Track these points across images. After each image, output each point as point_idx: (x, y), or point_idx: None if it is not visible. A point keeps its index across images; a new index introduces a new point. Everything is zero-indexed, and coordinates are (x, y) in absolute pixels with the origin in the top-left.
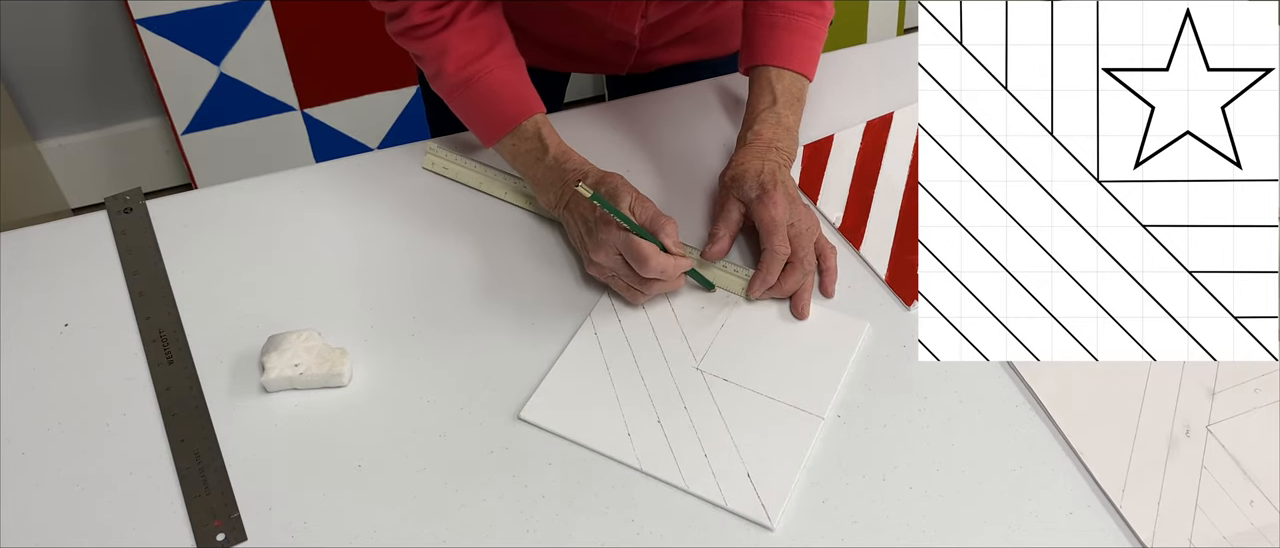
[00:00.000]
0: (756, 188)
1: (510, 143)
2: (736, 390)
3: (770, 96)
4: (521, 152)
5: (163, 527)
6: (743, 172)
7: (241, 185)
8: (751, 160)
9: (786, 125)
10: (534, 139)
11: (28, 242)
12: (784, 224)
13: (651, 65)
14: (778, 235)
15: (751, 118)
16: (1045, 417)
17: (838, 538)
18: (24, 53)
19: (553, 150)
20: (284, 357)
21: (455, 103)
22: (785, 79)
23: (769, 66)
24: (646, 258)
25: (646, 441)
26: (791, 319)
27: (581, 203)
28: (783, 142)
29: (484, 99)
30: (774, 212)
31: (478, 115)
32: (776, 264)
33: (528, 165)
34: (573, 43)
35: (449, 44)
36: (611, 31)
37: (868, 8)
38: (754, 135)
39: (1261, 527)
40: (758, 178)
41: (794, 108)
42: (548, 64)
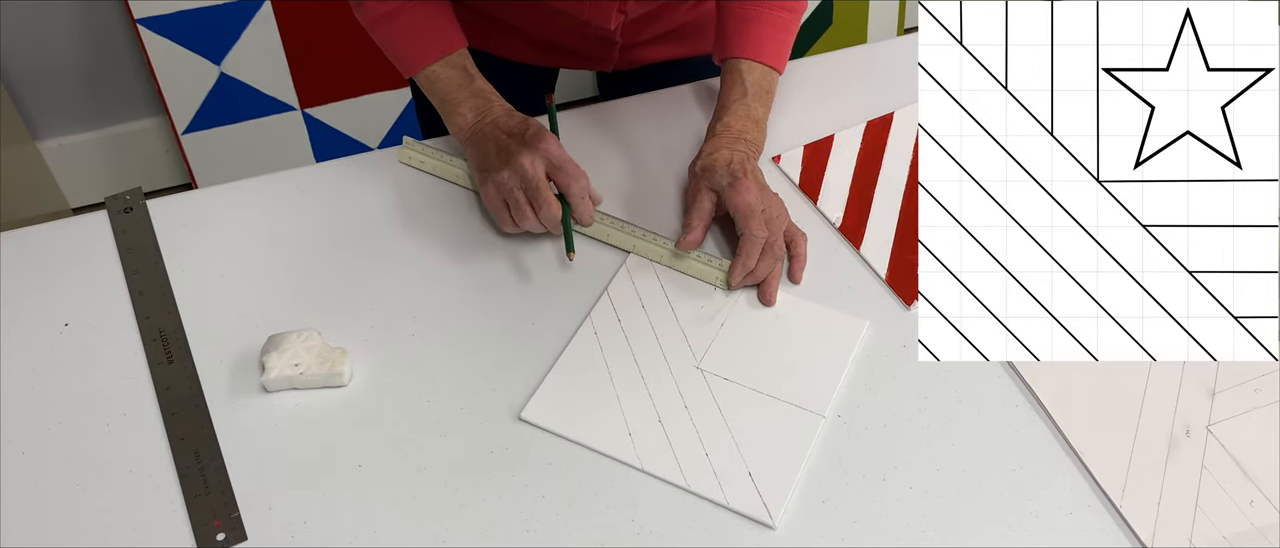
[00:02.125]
0: (727, 176)
1: (436, 69)
2: (737, 390)
3: (741, 89)
4: (443, 76)
5: (163, 527)
6: (713, 162)
7: (241, 185)
8: (721, 150)
9: (755, 117)
10: (460, 69)
11: (28, 242)
12: (758, 209)
13: (638, 62)
14: (754, 220)
15: (721, 110)
16: (1045, 417)
17: (838, 538)
18: (24, 53)
19: (478, 80)
20: (284, 357)
21: (382, 31)
22: (756, 72)
23: (740, 59)
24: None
25: (647, 440)
26: (791, 318)
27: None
28: (751, 133)
29: (412, 26)
30: (747, 198)
31: (403, 42)
32: (755, 248)
33: (450, 89)
34: (557, 38)
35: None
36: (591, 27)
37: (868, 8)
38: (723, 127)
39: (1261, 527)
40: (727, 167)
41: (763, 100)
42: (535, 59)
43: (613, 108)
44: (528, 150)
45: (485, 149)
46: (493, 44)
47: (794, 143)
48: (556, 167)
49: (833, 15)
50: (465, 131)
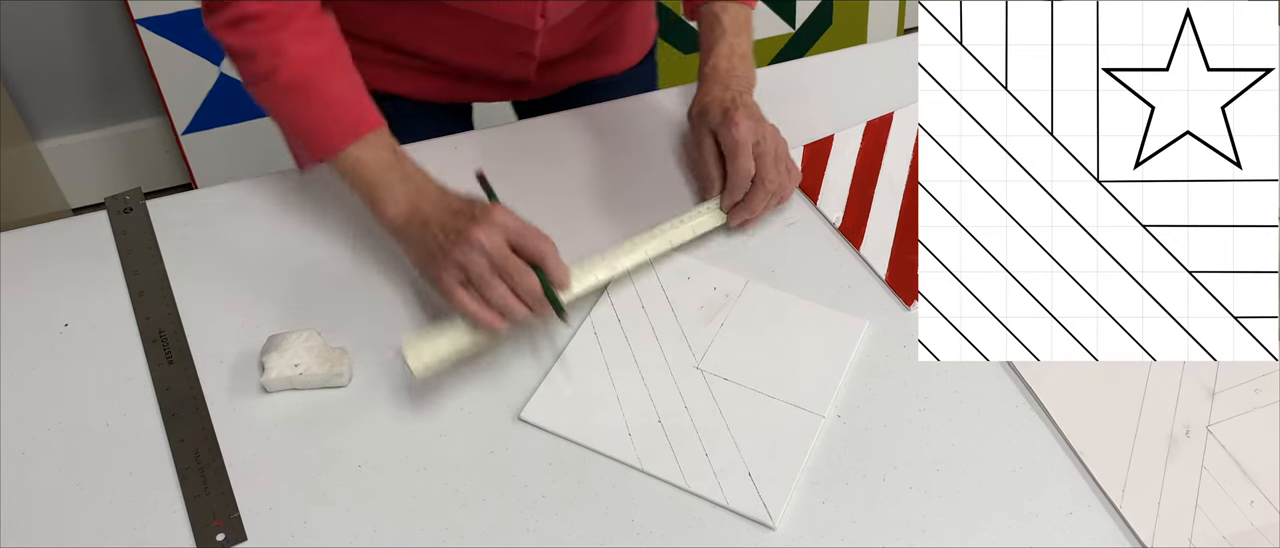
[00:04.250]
0: (720, 113)
1: (357, 151)
2: (736, 389)
3: (719, 29)
4: (366, 160)
5: (163, 527)
6: (707, 103)
7: (241, 185)
8: (713, 91)
9: (740, 52)
10: (387, 149)
11: (28, 242)
12: (748, 143)
13: (555, 84)
14: (742, 155)
15: (706, 52)
16: (1045, 417)
17: (838, 538)
18: (24, 53)
19: (406, 161)
20: (284, 357)
21: (288, 106)
22: (731, 10)
23: (713, 3)
24: (545, 236)
25: (647, 440)
26: (792, 318)
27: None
28: (739, 69)
29: (327, 103)
30: (737, 132)
31: (318, 119)
32: (742, 182)
33: (378, 172)
34: (469, 60)
35: (283, 43)
36: (510, 36)
37: (868, 8)
38: (711, 68)
39: (1261, 527)
40: (720, 105)
41: (743, 34)
42: (445, 95)
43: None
44: (481, 224)
45: (427, 236)
46: (398, 82)
47: (794, 143)
48: (517, 234)
49: (833, 15)
50: (399, 221)
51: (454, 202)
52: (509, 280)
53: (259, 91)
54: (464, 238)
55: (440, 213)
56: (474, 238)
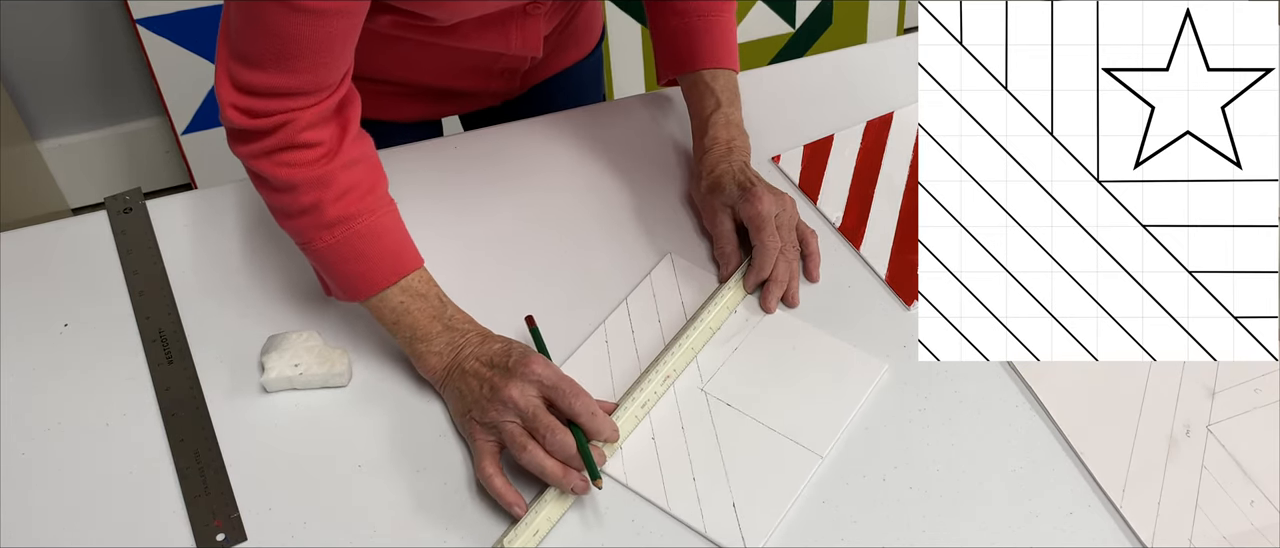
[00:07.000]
0: (737, 189)
1: (398, 295)
2: (737, 416)
3: (713, 100)
4: (410, 306)
5: (163, 527)
6: (718, 179)
7: (241, 185)
8: (720, 164)
9: (736, 123)
10: (432, 296)
11: (28, 242)
12: (771, 217)
13: (525, 86)
14: (767, 230)
15: (703, 125)
16: (1045, 417)
17: (838, 538)
18: (24, 53)
19: (449, 306)
20: (284, 357)
21: (326, 243)
22: (721, 78)
23: (702, 71)
24: (579, 390)
25: (636, 455)
26: (807, 350)
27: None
28: (738, 140)
29: (369, 241)
30: (760, 207)
31: (359, 260)
32: (769, 258)
33: (420, 321)
34: (457, 83)
35: (331, 176)
36: (504, 60)
37: (868, 8)
38: (712, 141)
39: (1261, 527)
40: (734, 179)
41: (736, 103)
42: (425, 115)
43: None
44: (514, 380)
45: (465, 389)
46: (380, 110)
47: (794, 143)
48: (550, 388)
49: (833, 15)
50: (440, 374)
51: (492, 351)
52: (541, 440)
53: (294, 227)
54: (498, 396)
55: (477, 365)
56: (507, 396)
